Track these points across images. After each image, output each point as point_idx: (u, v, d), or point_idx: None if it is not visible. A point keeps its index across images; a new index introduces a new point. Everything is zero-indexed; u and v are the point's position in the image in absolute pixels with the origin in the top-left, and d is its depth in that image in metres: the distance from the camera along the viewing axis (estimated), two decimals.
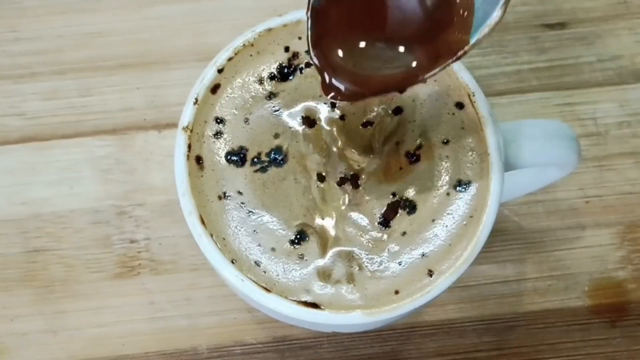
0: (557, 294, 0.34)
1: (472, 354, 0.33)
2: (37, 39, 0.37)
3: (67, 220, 0.34)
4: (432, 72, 0.21)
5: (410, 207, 0.25)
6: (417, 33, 0.21)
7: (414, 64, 0.21)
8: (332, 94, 0.22)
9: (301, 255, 0.25)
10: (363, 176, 0.26)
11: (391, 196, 0.25)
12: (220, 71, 0.26)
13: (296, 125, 0.26)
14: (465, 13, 0.20)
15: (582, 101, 0.37)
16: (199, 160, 0.26)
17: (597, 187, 0.35)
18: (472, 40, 0.20)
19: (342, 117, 0.27)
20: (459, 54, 0.20)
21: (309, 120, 0.26)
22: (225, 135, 0.26)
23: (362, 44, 0.22)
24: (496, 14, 0.19)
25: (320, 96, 0.27)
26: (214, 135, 0.26)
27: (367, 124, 0.26)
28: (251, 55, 0.27)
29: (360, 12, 0.22)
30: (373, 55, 0.22)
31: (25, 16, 0.38)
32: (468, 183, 0.25)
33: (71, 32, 0.37)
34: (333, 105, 0.26)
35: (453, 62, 0.21)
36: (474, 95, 0.26)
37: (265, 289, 0.24)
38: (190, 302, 0.33)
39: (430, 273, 0.24)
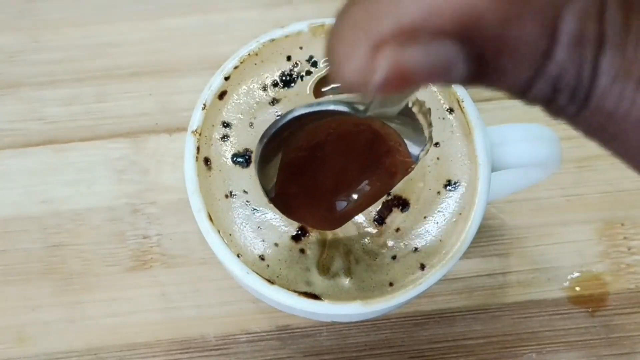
0: (540, 285, 0.34)
1: (461, 341, 0.33)
2: (56, 48, 0.37)
3: (85, 217, 0.34)
4: (393, 186, 0.24)
5: (404, 205, 0.25)
6: (367, 171, 0.24)
7: (378, 186, 0.24)
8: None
9: (302, 250, 0.25)
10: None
11: (386, 195, 0.25)
12: (226, 79, 0.26)
13: None
14: (399, 144, 0.23)
15: None
16: (207, 161, 0.26)
17: (577, 187, 0.35)
18: (415, 159, 0.23)
19: None
20: (409, 171, 0.23)
21: None
22: (231, 138, 0.26)
23: (332, 199, 0.25)
24: (427, 146, 0.22)
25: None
26: (221, 138, 0.26)
27: None
28: (255, 64, 0.27)
29: (314, 182, 0.24)
30: (345, 200, 0.25)
31: (46, 27, 0.37)
32: (457, 183, 0.25)
33: (89, 42, 0.37)
34: None
35: (404, 177, 0.24)
36: (462, 101, 0.26)
37: (269, 281, 0.24)
38: (199, 293, 0.33)
39: (422, 266, 0.24)
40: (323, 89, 0.27)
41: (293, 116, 0.20)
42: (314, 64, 0.27)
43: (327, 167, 0.23)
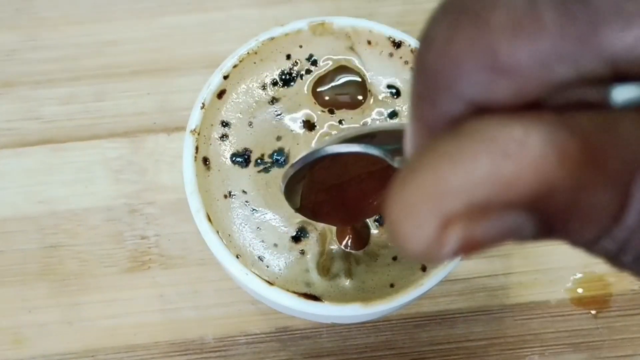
0: (542, 287, 0.34)
1: (462, 343, 0.33)
2: (54, 47, 0.37)
3: (82, 217, 0.34)
4: None
5: None
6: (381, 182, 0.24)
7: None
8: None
9: (302, 250, 0.24)
10: None
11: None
12: (225, 77, 0.26)
13: (297, 128, 0.26)
14: None
15: None
16: (205, 161, 0.25)
17: None
18: None
19: (340, 122, 0.26)
20: None
21: (309, 124, 0.26)
22: (230, 138, 0.26)
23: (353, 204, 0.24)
24: None
25: (315, 103, 0.26)
26: (220, 137, 0.26)
27: None
28: (255, 63, 0.27)
29: (340, 196, 0.23)
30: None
31: (44, 26, 0.37)
32: None
33: (87, 41, 0.37)
34: (331, 112, 0.26)
35: None
36: None
37: (268, 282, 0.24)
38: (197, 294, 0.33)
39: (424, 267, 0.24)
40: (318, 89, 0.27)
41: (327, 154, 0.20)
42: (314, 63, 0.27)
43: (352, 189, 0.23)
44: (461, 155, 0.11)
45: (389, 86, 0.27)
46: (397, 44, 0.27)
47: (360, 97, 0.27)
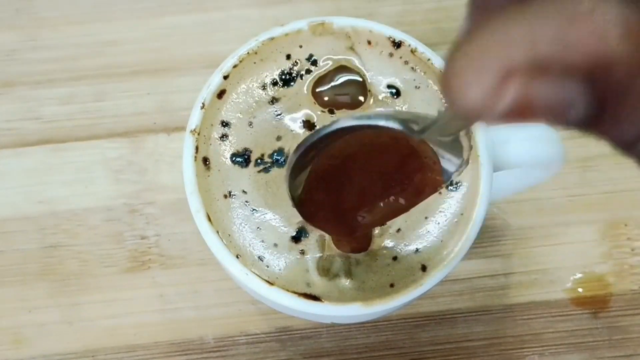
0: (542, 287, 0.34)
1: (462, 343, 0.33)
2: (54, 47, 0.37)
3: (82, 217, 0.34)
4: (418, 204, 0.22)
5: None
6: (395, 186, 0.23)
7: (402, 202, 0.23)
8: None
9: (302, 250, 0.25)
10: None
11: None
12: (225, 77, 0.26)
13: (297, 128, 0.26)
14: (433, 161, 0.21)
15: None
16: (205, 161, 0.25)
17: (580, 187, 0.35)
18: (447, 178, 0.21)
19: None
20: (439, 189, 0.22)
21: (309, 124, 0.26)
22: (230, 138, 0.26)
23: (355, 212, 0.23)
24: (462, 167, 0.20)
25: (315, 103, 0.27)
26: (220, 137, 0.26)
27: None
28: (255, 63, 0.27)
29: (341, 193, 0.23)
30: (367, 214, 0.24)
31: (44, 26, 0.37)
32: (459, 183, 0.25)
33: (87, 41, 0.37)
34: (331, 112, 0.26)
35: (430, 195, 0.22)
36: None
37: (268, 282, 0.24)
38: (197, 294, 0.33)
39: (424, 267, 0.24)
40: (318, 89, 0.27)
41: (338, 127, 0.19)
42: (314, 63, 0.27)
43: (355, 179, 0.23)
44: (531, 13, 0.11)
45: (389, 86, 0.27)
46: (397, 44, 0.27)
47: (360, 97, 0.27)
